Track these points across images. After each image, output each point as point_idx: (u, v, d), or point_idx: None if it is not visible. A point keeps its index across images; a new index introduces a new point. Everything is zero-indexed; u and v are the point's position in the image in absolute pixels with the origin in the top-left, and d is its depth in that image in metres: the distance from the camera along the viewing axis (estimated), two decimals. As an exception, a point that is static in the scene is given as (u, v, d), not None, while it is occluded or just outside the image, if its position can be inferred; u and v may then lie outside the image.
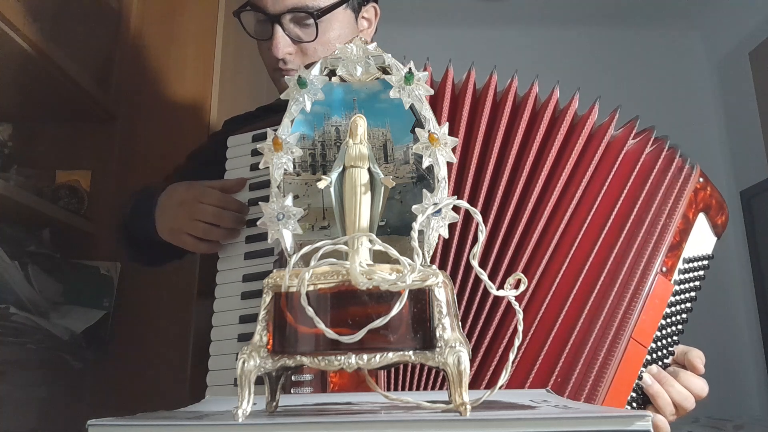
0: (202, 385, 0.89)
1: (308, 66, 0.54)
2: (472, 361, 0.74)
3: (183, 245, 0.93)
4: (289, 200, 0.51)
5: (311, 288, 0.46)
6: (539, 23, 3.58)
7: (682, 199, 0.83)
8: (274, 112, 1.08)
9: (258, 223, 0.52)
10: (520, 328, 0.48)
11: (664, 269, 0.81)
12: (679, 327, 0.84)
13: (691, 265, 0.85)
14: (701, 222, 0.86)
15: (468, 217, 0.76)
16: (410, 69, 0.51)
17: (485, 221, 0.76)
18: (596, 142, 0.81)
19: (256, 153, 0.94)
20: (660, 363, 0.82)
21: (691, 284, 0.85)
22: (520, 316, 0.48)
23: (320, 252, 0.46)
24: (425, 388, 0.73)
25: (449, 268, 0.76)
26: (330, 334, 0.44)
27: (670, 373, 0.81)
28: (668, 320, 0.82)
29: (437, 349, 0.44)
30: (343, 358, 0.44)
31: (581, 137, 0.80)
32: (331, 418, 0.43)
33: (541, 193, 0.78)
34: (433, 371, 0.73)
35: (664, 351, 0.82)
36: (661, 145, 0.85)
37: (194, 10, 1.72)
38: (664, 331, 0.82)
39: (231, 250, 0.92)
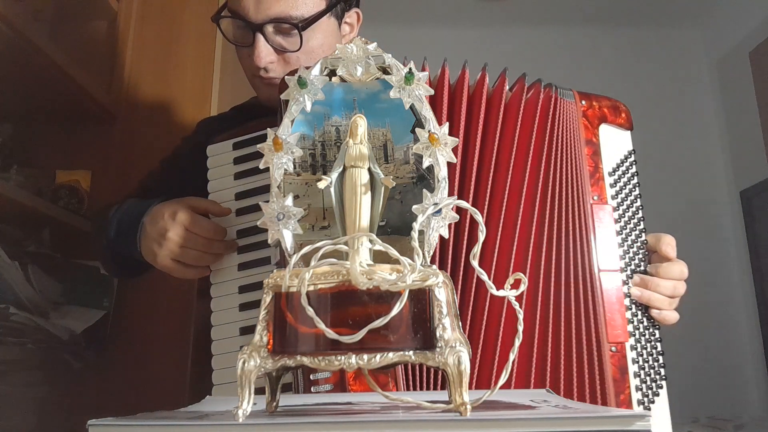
0: (202, 385, 0.89)
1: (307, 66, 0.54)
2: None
3: (169, 271, 0.92)
4: (289, 200, 0.51)
5: (311, 288, 0.46)
6: (539, 23, 3.58)
7: (575, 131, 0.86)
8: (249, 114, 1.07)
9: (258, 223, 0.52)
10: (521, 328, 0.48)
11: (595, 197, 0.84)
12: (641, 225, 0.86)
13: (618, 173, 0.88)
14: (606, 132, 0.89)
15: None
16: (410, 69, 0.51)
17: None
18: (496, 110, 0.83)
19: (239, 161, 0.93)
20: (639, 269, 0.85)
21: (629, 187, 0.88)
22: (521, 316, 0.48)
23: (320, 252, 0.46)
24: (443, 388, 0.73)
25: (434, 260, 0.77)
26: (330, 334, 0.44)
27: (650, 272, 0.85)
28: (627, 229, 0.86)
29: (437, 349, 0.44)
30: (343, 358, 0.44)
31: (482, 107, 0.82)
32: (331, 418, 0.43)
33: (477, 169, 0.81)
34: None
35: (636, 258, 0.85)
36: (537, 88, 0.86)
37: (194, 10, 1.72)
38: (627, 242, 0.85)
39: (224, 262, 0.91)
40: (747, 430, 2.42)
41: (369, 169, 0.50)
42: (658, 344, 0.84)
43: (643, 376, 0.81)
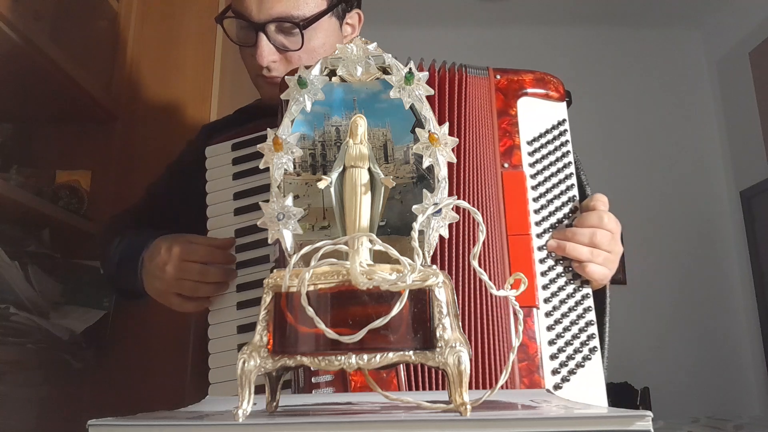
0: (202, 385, 0.89)
1: (307, 66, 0.54)
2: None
3: (170, 305, 0.93)
4: (289, 200, 0.51)
5: (311, 288, 0.46)
6: (539, 23, 3.58)
7: (485, 104, 0.88)
8: (253, 115, 1.07)
9: (258, 222, 0.52)
10: (521, 328, 0.48)
11: (505, 165, 0.85)
12: (569, 193, 0.87)
13: (540, 142, 0.89)
14: (528, 104, 0.90)
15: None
16: (410, 69, 0.51)
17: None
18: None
19: (237, 161, 0.93)
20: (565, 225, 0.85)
21: (555, 155, 0.88)
22: (521, 316, 0.48)
23: (320, 252, 0.46)
24: (443, 388, 0.73)
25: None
26: (330, 334, 0.44)
27: (575, 224, 0.84)
28: (548, 195, 0.86)
29: (437, 349, 0.44)
30: (343, 358, 0.44)
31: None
32: (331, 418, 0.43)
33: None
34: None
35: (567, 220, 0.85)
36: (452, 71, 0.88)
37: (194, 10, 1.71)
38: (548, 208, 0.85)
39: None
40: (747, 430, 2.43)
41: (369, 169, 0.50)
42: (588, 314, 0.82)
43: (561, 345, 0.79)
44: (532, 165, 0.87)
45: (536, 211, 0.85)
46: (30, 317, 1.25)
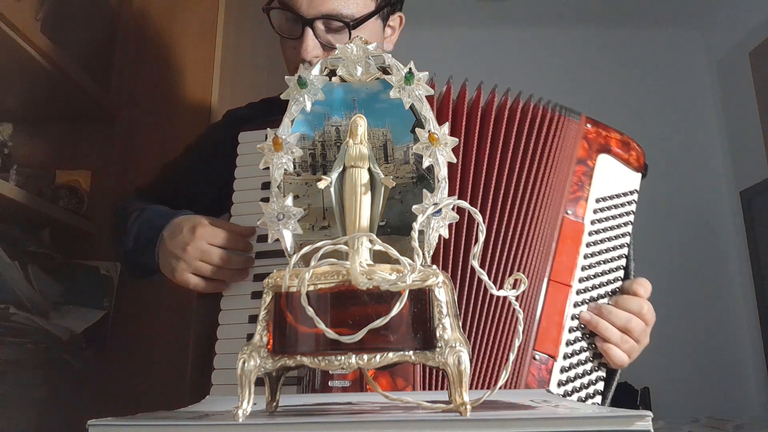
0: (202, 385, 0.89)
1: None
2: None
3: (186, 285, 0.91)
4: (289, 200, 0.51)
5: (311, 288, 0.46)
6: (539, 23, 3.57)
7: (569, 147, 0.88)
8: (278, 107, 1.07)
9: (258, 222, 0.52)
10: (521, 327, 0.48)
11: (569, 212, 0.85)
12: (619, 262, 0.86)
13: (607, 203, 0.88)
14: (606, 162, 0.90)
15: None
16: (410, 69, 0.51)
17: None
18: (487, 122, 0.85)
19: None
20: (604, 298, 0.84)
21: (617, 221, 0.88)
22: (521, 316, 0.48)
23: (320, 252, 0.46)
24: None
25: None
26: (330, 334, 0.44)
27: (613, 303, 0.84)
28: (598, 257, 0.86)
29: (437, 349, 0.44)
30: (343, 358, 0.44)
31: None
32: (331, 418, 0.43)
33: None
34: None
35: (602, 289, 0.85)
36: (541, 109, 0.89)
37: (194, 10, 1.71)
38: (595, 269, 0.85)
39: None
40: (747, 430, 2.42)
41: (369, 169, 0.50)
42: (601, 384, 0.81)
43: None
44: (593, 222, 0.86)
45: (584, 268, 0.84)
46: (30, 317, 1.25)
